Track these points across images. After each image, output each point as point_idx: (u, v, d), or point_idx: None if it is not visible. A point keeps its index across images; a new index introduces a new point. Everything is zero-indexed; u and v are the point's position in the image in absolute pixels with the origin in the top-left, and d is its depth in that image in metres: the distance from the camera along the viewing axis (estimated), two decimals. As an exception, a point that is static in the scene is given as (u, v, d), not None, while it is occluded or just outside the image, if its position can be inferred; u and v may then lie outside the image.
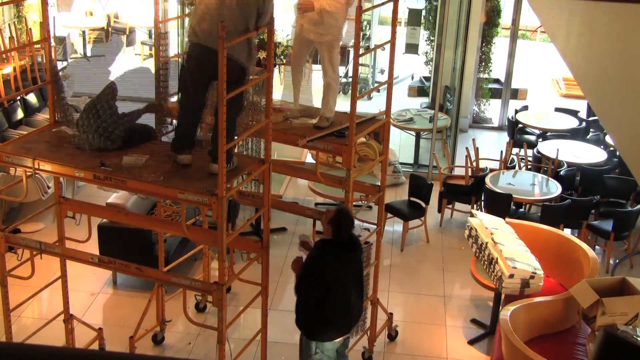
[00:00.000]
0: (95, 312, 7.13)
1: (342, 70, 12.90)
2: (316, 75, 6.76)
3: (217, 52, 4.34)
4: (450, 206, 9.11)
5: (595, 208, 8.63)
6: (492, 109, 12.32)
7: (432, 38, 12.18)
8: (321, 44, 5.79)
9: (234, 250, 5.79)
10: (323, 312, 5.10)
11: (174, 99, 6.15)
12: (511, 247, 6.49)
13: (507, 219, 7.54)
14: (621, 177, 8.82)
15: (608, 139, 9.69)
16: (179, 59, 10.65)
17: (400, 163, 10.18)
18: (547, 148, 9.56)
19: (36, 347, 1.86)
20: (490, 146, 11.40)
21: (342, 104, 6.47)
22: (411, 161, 10.52)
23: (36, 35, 10.71)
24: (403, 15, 12.80)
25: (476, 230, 6.83)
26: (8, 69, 9.30)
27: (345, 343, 5.46)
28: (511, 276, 6.19)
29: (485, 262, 6.60)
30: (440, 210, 8.99)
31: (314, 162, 6.40)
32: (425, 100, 12.31)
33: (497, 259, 6.35)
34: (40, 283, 6.06)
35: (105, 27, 14.78)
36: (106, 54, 14.80)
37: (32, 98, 9.90)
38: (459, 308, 7.46)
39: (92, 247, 6.84)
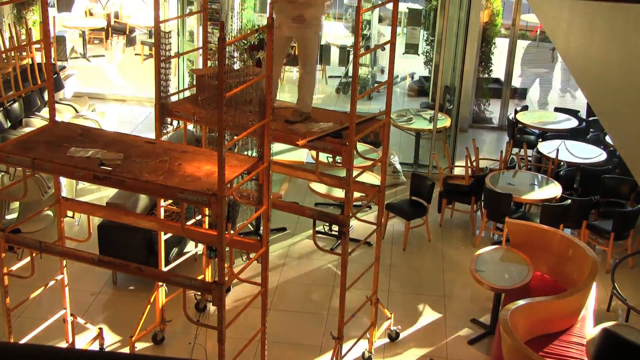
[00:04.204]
0: (95, 312, 7.13)
1: (342, 70, 12.91)
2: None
3: None
4: (450, 206, 9.11)
5: (595, 208, 8.63)
6: (492, 109, 12.32)
7: (432, 38, 12.19)
8: (300, 38, 5.78)
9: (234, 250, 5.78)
10: None
11: (174, 98, 6.17)
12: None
13: (507, 219, 7.56)
14: (621, 177, 8.82)
15: (608, 139, 9.69)
16: (179, 59, 10.72)
17: (400, 163, 10.18)
18: (547, 148, 9.56)
19: (36, 347, 1.86)
20: (490, 146, 11.41)
21: (342, 104, 6.46)
22: (411, 161, 10.52)
23: (36, 35, 10.71)
24: (403, 15, 12.81)
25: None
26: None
27: None
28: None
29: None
30: (440, 210, 8.99)
31: (314, 162, 6.40)
32: (426, 100, 12.32)
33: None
34: (40, 283, 6.06)
35: (105, 27, 14.79)
36: (106, 54, 14.83)
37: (32, 99, 9.90)
38: (459, 308, 7.46)
39: (92, 247, 6.84)
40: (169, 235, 6.42)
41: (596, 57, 4.20)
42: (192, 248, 7.47)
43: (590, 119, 10.74)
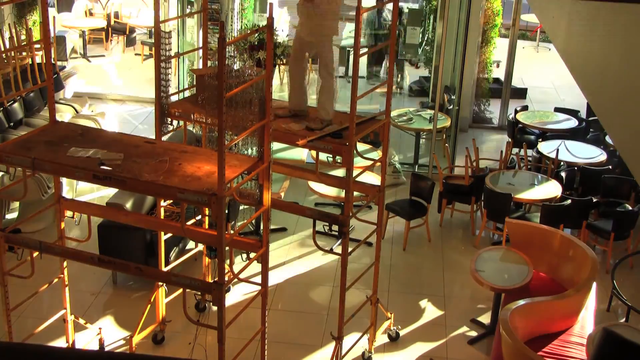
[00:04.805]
0: (95, 312, 7.13)
1: (342, 70, 12.89)
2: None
3: None
4: (450, 206, 9.11)
5: (595, 208, 8.63)
6: (492, 109, 12.32)
7: (432, 38, 12.19)
8: (316, 44, 5.75)
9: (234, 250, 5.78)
10: None
11: (175, 98, 6.17)
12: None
13: (507, 219, 7.55)
14: (621, 177, 8.83)
15: (608, 139, 9.69)
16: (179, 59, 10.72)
17: (400, 163, 10.19)
18: (547, 148, 9.56)
19: (36, 347, 1.86)
20: (490, 146, 11.41)
21: (343, 104, 6.46)
22: (411, 161, 10.53)
23: (36, 36, 10.71)
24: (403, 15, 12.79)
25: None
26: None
27: None
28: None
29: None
30: (440, 210, 8.99)
31: (314, 162, 6.40)
32: (426, 100, 12.31)
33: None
34: (40, 283, 6.06)
35: (105, 27, 14.79)
36: (106, 54, 14.83)
37: (32, 99, 9.90)
38: (459, 308, 7.46)
39: (92, 247, 6.84)
40: (169, 235, 6.42)
41: (596, 57, 4.20)
42: (193, 247, 7.47)
43: (590, 119, 10.74)
